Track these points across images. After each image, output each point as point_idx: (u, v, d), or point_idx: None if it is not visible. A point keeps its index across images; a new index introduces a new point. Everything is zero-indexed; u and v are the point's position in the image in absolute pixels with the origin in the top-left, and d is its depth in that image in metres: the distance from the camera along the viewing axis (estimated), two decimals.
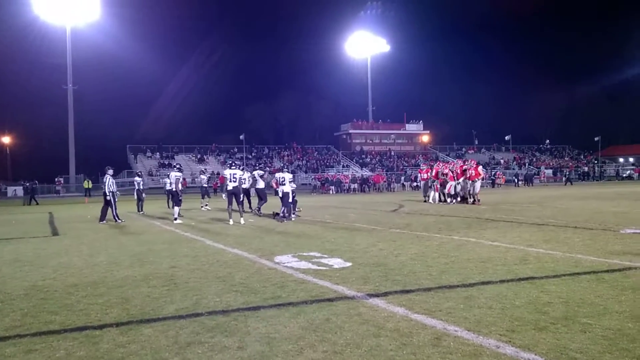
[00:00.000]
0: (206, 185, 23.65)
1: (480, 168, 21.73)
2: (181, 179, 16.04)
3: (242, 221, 14.90)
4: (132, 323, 4.84)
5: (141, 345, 4.22)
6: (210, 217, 17.83)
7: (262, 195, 18.56)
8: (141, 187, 21.83)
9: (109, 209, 16.64)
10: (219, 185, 40.75)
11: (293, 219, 16.15)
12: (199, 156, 63.06)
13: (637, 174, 63.59)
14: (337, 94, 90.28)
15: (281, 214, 15.68)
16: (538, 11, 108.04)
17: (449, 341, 4.08)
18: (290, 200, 16.23)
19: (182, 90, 77.76)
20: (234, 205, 15.26)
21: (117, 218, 16.53)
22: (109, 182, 16.68)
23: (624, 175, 64.74)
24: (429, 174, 24.11)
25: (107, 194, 16.56)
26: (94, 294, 6.08)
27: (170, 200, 23.47)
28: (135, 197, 21.68)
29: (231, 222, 14.80)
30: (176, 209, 15.94)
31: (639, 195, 25.77)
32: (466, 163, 22.89)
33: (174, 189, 15.99)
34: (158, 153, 62.87)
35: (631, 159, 77.15)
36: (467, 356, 3.75)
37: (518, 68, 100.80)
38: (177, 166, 16.64)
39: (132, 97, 77.50)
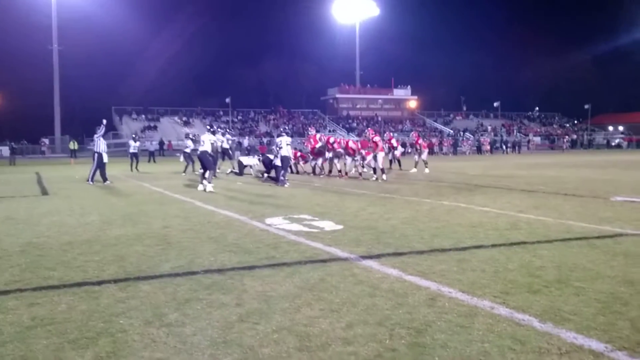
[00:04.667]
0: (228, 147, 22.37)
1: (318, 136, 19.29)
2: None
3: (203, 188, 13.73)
4: (129, 280, 4.87)
5: (140, 300, 4.26)
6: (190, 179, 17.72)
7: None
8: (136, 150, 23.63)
9: (100, 169, 16.32)
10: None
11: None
12: (184, 119, 62.33)
13: (627, 142, 64.18)
14: (324, 59, 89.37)
15: (281, 177, 15.71)
16: None
17: (444, 301, 4.14)
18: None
19: (167, 52, 76.31)
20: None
21: (91, 179, 16.18)
22: (100, 142, 16.47)
23: (613, 143, 65.34)
24: None
25: (103, 154, 16.37)
26: (90, 252, 6.09)
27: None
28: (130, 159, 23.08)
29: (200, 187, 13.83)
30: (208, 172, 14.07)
31: (628, 163, 26.04)
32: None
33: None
34: (144, 115, 62.06)
35: (620, 128, 77.43)
36: (463, 316, 3.81)
37: (508, 34, 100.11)
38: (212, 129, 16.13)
39: (117, 59, 76.09)
